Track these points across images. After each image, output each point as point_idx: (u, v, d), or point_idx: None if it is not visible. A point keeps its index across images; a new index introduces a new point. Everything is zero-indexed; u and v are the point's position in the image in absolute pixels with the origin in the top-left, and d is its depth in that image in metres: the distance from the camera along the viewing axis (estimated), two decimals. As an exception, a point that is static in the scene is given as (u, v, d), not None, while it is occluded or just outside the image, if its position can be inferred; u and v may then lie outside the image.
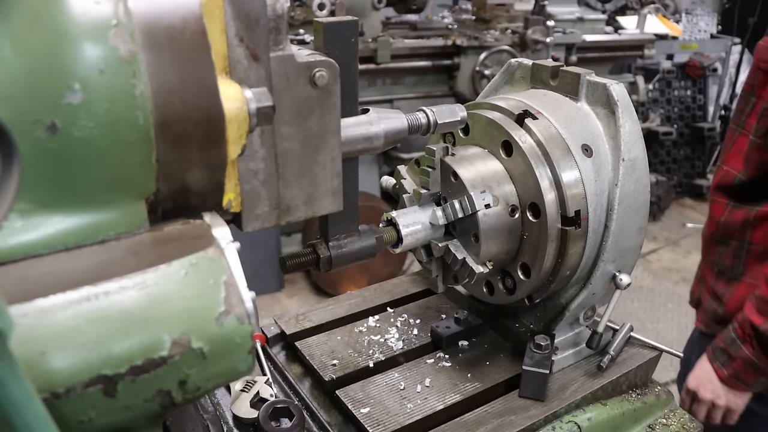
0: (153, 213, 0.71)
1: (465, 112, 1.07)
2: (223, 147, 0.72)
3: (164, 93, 0.66)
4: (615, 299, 1.24)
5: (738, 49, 6.42)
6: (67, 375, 0.56)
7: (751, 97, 1.75)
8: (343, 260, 1.05)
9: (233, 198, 0.80)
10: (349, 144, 0.93)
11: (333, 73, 0.83)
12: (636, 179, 1.16)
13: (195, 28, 0.68)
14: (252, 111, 0.73)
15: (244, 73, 0.76)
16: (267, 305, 4.32)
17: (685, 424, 1.30)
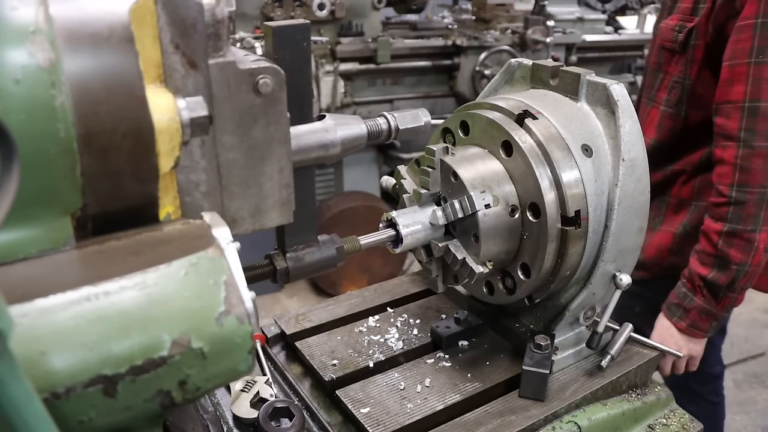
0: (81, 229, 0.68)
1: (429, 117, 1.04)
2: (153, 159, 0.68)
3: (88, 104, 0.63)
4: (615, 299, 1.24)
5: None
6: (67, 375, 0.56)
7: (658, 73, 2.02)
8: (301, 272, 1.01)
9: (172, 211, 0.76)
10: (303, 152, 0.89)
11: (278, 80, 0.80)
12: (636, 179, 1.16)
13: (122, 35, 0.65)
14: (185, 121, 0.69)
15: (181, 82, 0.73)
16: (267, 305, 4.32)
17: (685, 424, 1.29)
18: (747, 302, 4.72)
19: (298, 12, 4.14)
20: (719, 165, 1.76)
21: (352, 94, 4.49)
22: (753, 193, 1.70)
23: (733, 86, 1.70)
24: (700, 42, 1.82)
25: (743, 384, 3.78)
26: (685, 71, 1.87)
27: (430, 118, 1.05)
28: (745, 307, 4.52)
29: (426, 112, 1.05)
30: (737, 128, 1.69)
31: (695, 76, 1.86)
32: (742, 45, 1.68)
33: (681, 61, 1.89)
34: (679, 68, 1.89)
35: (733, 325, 4.30)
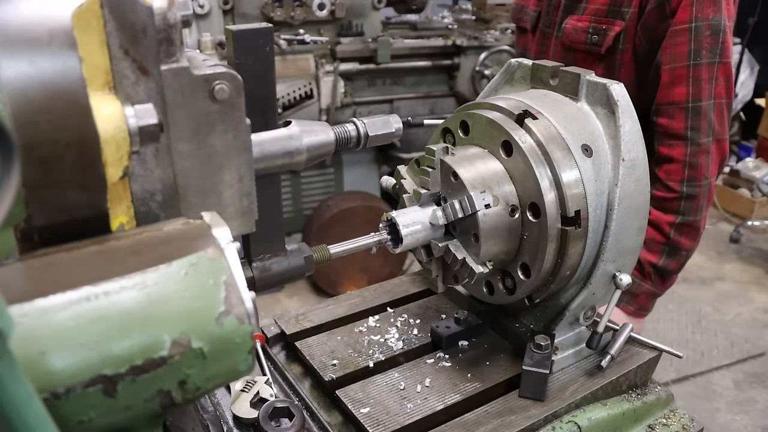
0: (27, 241, 0.66)
1: (400, 124, 1.02)
2: (99, 169, 0.66)
3: (27, 113, 0.61)
4: (615, 299, 1.24)
5: (738, 49, 6.41)
6: (67, 375, 0.56)
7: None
8: (267, 282, 0.99)
9: (126, 221, 0.74)
10: (266, 160, 0.87)
11: (235, 85, 0.77)
12: (636, 179, 1.16)
13: (63, 41, 0.62)
14: (133, 130, 0.67)
15: (131, 89, 0.70)
16: (267, 305, 4.32)
17: (685, 425, 1.30)
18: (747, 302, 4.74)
19: (298, 12, 4.14)
20: (667, 163, 1.85)
21: (352, 94, 4.49)
22: (701, 186, 1.82)
23: (674, 88, 1.78)
24: (628, 46, 1.87)
25: (743, 384, 3.78)
26: (609, 74, 1.90)
27: (401, 125, 1.02)
28: (745, 307, 4.54)
29: (397, 118, 1.03)
30: (683, 127, 1.78)
31: (623, 78, 1.87)
32: (679, 49, 1.75)
33: (600, 64, 1.92)
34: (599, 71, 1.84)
35: (733, 325, 4.32)
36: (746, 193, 5.89)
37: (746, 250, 5.38)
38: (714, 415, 3.52)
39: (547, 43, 2.09)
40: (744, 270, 5.08)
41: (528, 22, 2.18)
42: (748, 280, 4.92)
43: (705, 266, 5.14)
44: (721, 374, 3.86)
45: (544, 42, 2.11)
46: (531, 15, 2.17)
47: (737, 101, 6.63)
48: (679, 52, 1.76)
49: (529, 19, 2.18)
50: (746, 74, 6.74)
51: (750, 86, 6.86)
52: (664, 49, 1.78)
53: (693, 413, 1.34)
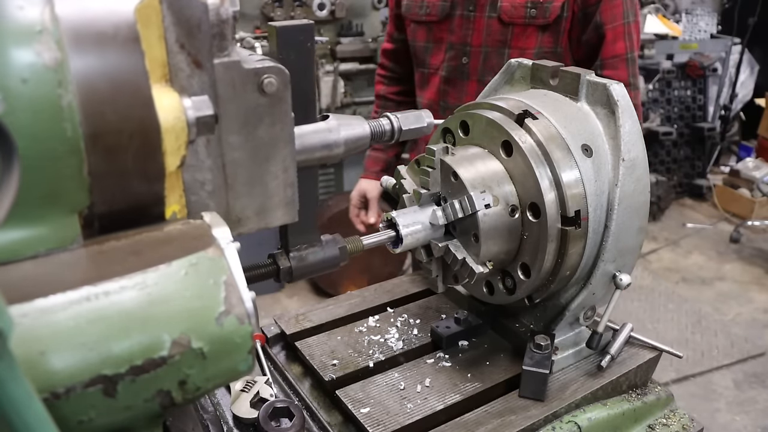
0: (88, 227, 0.68)
1: (432, 119, 1.04)
2: (159, 158, 0.68)
3: (94, 103, 0.63)
4: (615, 299, 1.24)
5: (738, 49, 6.42)
6: (67, 375, 0.56)
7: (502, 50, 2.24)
8: (304, 272, 1.01)
9: (178, 210, 0.76)
10: (306, 152, 0.89)
11: (283, 79, 0.80)
12: (636, 179, 1.16)
13: (127, 35, 0.65)
14: (191, 120, 0.69)
15: (186, 81, 0.73)
16: (267, 305, 4.31)
17: (685, 425, 1.30)
18: (747, 302, 4.74)
19: (298, 12, 4.14)
20: None
21: (352, 94, 4.48)
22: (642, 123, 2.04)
23: (616, 43, 2.09)
24: (569, 14, 2.10)
25: (743, 384, 3.78)
26: (555, 42, 2.13)
27: (433, 119, 1.05)
28: (745, 307, 4.54)
29: (429, 113, 1.05)
30: (627, 75, 2.11)
31: (565, 44, 2.14)
32: (617, 10, 2.07)
33: (542, 35, 2.11)
34: (546, 40, 2.12)
35: (733, 325, 4.32)
36: (746, 193, 5.89)
37: (746, 250, 5.38)
38: (714, 415, 3.52)
39: (473, 26, 2.19)
40: (744, 270, 5.08)
41: (434, 14, 2.25)
42: (748, 280, 4.92)
43: (705, 266, 5.14)
44: (721, 374, 3.86)
45: (468, 25, 2.20)
46: (439, 5, 2.23)
47: (737, 101, 6.64)
48: (618, 12, 2.07)
49: (435, 11, 2.24)
50: (746, 74, 6.75)
51: (750, 86, 6.86)
52: (604, 11, 2.06)
53: (693, 413, 1.34)
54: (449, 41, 2.25)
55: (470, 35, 2.20)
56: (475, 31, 2.20)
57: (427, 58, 2.33)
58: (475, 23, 2.19)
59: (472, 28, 2.20)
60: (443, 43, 2.27)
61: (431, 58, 2.32)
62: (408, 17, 2.33)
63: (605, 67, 2.12)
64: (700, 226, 5.82)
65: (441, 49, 2.28)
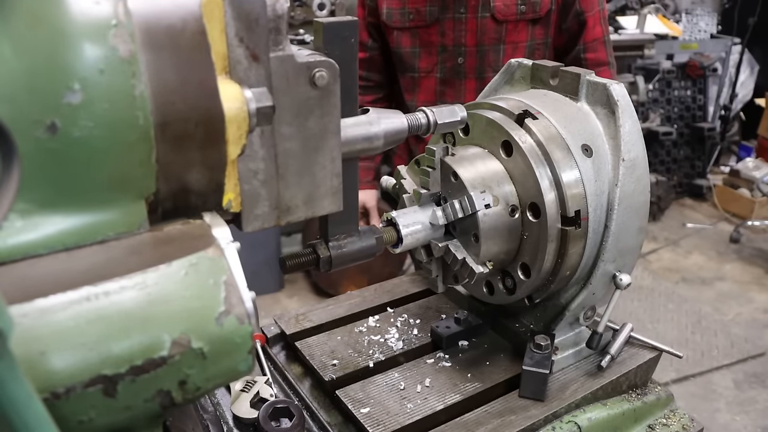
0: (153, 213, 0.71)
1: (465, 113, 1.07)
2: (222, 147, 0.72)
3: (164, 93, 0.66)
4: (615, 299, 1.24)
5: (738, 49, 6.42)
6: (67, 375, 0.56)
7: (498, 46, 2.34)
8: (343, 260, 1.04)
9: (233, 198, 0.79)
10: (349, 144, 0.92)
11: (333, 73, 0.83)
12: (636, 179, 1.16)
13: (195, 28, 0.68)
14: (252, 111, 0.72)
15: (244, 74, 0.75)
16: (267, 305, 4.31)
17: (685, 425, 1.30)
18: (747, 302, 4.74)
19: (299, 12, 4.14)
20: None
21: (352, 94, 4.48)
22: None
23: (595, 28, 2.28)
24: (555, 7, 2.26)
25: (743, 384, 3.78)
26: (546, 33, 2.29)
27: (466, 113, 1.07)
28: (745, 307, 4.54)
29: (462, 107, 1.07)
30: (606, 56, 2.33)
31: (553, 34, 2.31)
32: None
33: (533, 28, 2.26)
34: (537, 33, 2.27)
35: (733, 325, 4.32)
36: (746, 193, 5.89)
37: (746, 250, 5.38)
38: (714, 415, 3.52)
39: (465, 27, 2.25)
40: (744, 270, 5.08)
41: (420, 19, 2.30)
42: (748, 280, 4.92)
43: (705, 266, 5.14)
44: (721, 374, 3.86)
45: (461, 27, 2.26)
46: (426, 10, 2.28)
47: (737, 101, 6.64)
48: (594, 1, 2.27)
49: (422, 16, 2.29)
50: (746, 74, 6.74)
51: (750, 86, 6.85)
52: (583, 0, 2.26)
53: (693, 413, 1.34)
54: (441, 44, 2.30)
55: (464, 36, 2.26)
56: (468, 32, 2.25)
57: (416, 63, 2.37)
58: (468, 24, 2.25)
59: (465, 29, 2.25)
60: (433, 46, 2.32)
61: (420, 62, 2.37)
62: (390, 25, 2.37)
63: (587, 50, 2.30)
64: (700, 226, 5.82)
65: (431, 52, 2.33)
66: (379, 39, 2.47)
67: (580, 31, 2.29)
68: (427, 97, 2.40)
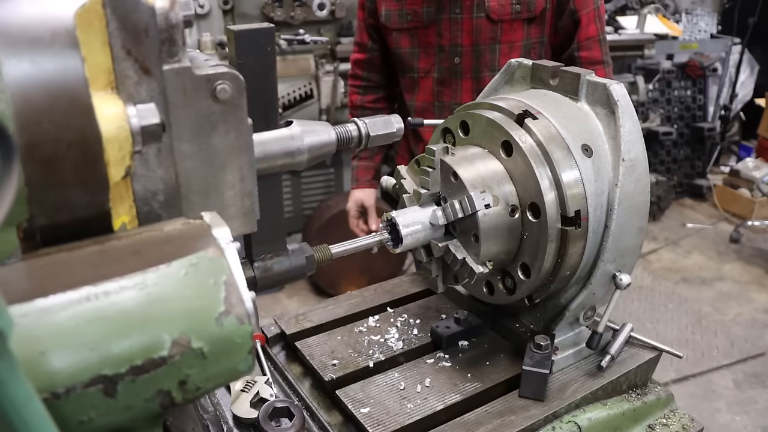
0: (30, 240, 0.66)
1: (401, 124, 1.02)
2: (102, 169, 0.66)
3: (29, 112, 0.61)
4: (615, 299, 1.24)
5: (738, 49, 6.41)
6: (67, 375, 0.56)
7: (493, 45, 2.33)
8: (269, 282, 0.99)
9: (128, 221, 0.74)
10: (268, 160, 0.88)
11: (237, 85, 0.77)
12: (636, 179, 1.16)
13: (65, 41, 0.63)
14: (135, 130, 0.67)
15: (133, 89, 0.70)
16: (267, 305, 4.31)
17: (685, 425, 1.30)
18: (747, 302, 4.74)
19: (298, 12, 4.13)
20: None
21: (352, 94, 4.48)
22: None
23: (589, 27, 2.27)
24: (550, 6, 2.26)
25: (743, 384, 3.78)
26: (541, 32, 2.29)
27: (402, 125, 1.03)
28: (745, 307, 4.54)
29: (398, 118, 1.03)
30: (601, 54, 2.32)
31: (549, 33, 2.31)
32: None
33: (528, 27, 2.25)
34: (533, 32, 2.27)
35: (733, 325, 4.32)
36: (746, 193, 5.89)
37: (746, 250, 5.37)
38: (714, 415, 3.52)
39: (461, 27, 2.26)
40: (744, 270, 5.07)
41: (418, 20, 2.30)
42: (748, 280, 4.92)
43: (705, 266, 5.14)
44: (721, 374, 3.86)
45: (456, 27, 2.26)
46: (423, 12, 2.28)
47: (737, 101, 6.64)
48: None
49: (419, 17, 2.29)
50: (746, 74, 6.74)
51: (750, 86, 6.85)
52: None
53: (693, 413, 1.34)
54: (438, 44, 2.31)
55: (460, 36, 2.27)
56: (464, 32, 2.26)
57: (415, 63, 2.38)
58: (463, 24, 2.25)
59: (461, 30, 2.26)
60: (431, 47, 2.32)
61: (419, 62, 2.37)
62: (389, 26, 2.37)
63: (581, 48, 2.30)
64: (700, 226, 5.82)
65: (429, 53, 2.33)
66: (379, 40, 2.48)
67: (574, 29, 2.29)
68: (425, 97, 2.40)
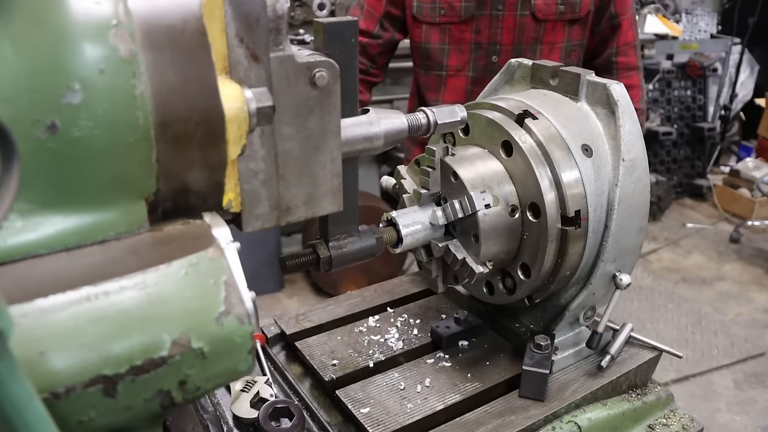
0: (153, 213, 0.71)
1: (465, 113, 1.07)
2: (223, 147, 0.72)
3: (164, 93, 0.66)
4: (615, 299, 1.24)
5: (738, 49, 6.41)
6: (67, 375, 0.56)
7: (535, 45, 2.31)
8: (343, 260, 1.04)
9: (233, 198, 0.79)
10: (349, 144, 0.92)
11: (333, 73, 0.83)
12: (636, 179, 1.16)
13: (195, 28, 0.68)
14: (252, 111, 0.73)
15: (244, 74, 0.76)
16: (267, 305, 4.31)
17: (685, 425, 1.30)
18: (747, 302, 4.74)
19: (298, 12, 4.14)
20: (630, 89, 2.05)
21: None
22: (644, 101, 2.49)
23: (628, 32, 2.31)
24: (593, 9, 2.25)
25: (743, 384, 3.78)
26: (582, 35, 2.28)
27: (466, 114, 1.07)
28: (745, 307, 4.55)
29: (462, 107, 1.07)
30: (636, 60, 2.39)
31: (588, 36, 2.32)
32: (628, 2, 2.30)
33: (570, 28, 2.23)
34: (575, 34, 2.25)
35: (733, 325, 4.32)
36: (746, 193, 5.89)
37: (746, 250, 5.38)
38: (714, 415, 3.52)
39: (502, 25, 2.20)
40: (744, 270, 5.08)
41: (453, 15, 2.22)
42: (748, 280, 4.92)
43: (705, 266, 5.14)
44: (721, 374, 3.86)
45: (497, 24, 2.20)
46: (461, 6, 2.18)
47: (737, 101, 6.64)
48: (628, 4, 2.29)
49: (456, 11, 2.21)
50: (746, 74, 6.74)
51: (750, 86, 6.85)
52: (618, 2, 2.25)
53: (693, 413, 1.34)
54: (475, 41, 2.23)
55: (500, 34, 2.20)
56: (504, 30, 2.19)
57: (444, 60, 2.28)
58: (505, 21, 2.18)
59: (501, 27, 2.19)
60: (465, 44, 2.24)
61: (449, 59, 2.28)
62: (420, 19, 2.27)
63: (620, 54, 2.32)
64: (700, 226, 5.82)
65: (463, 50, 2.24)
66: (395, 31, 2.35)
67: (612, 34, 2.27)
68: (455, 96, 2.31)
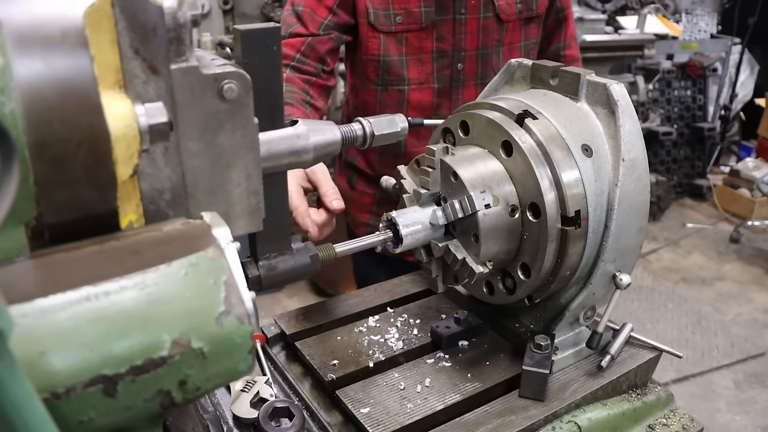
0: (38, 238, 0.66)
1: (405, 123, 1.02)
2: (110, 168, 0.66)
3: (39, 111, 0.61)
4: (615, 299, 1.24)
5: (738, 49, 6.42)
6: (67, 375, 0.56)
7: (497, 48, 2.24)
8: (274, 280, 1.00)
9: (135, 219, 0.74)
10: (273, 159, 0.88)
11: (244, 84, 0.78)
12: (636, 179, 1.16)
13: (75, 40, 0.63)
14: (143, 128, 0.67)
15: (141, 87, 0.71)
16: (267, 305, 4.32)
17: (685, 425, 1.30)
18: (747, 302, 4.75)
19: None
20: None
21: (352, 94, 4.47)
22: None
23: (570, 25, 2.31)
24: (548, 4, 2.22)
25: (743, 384, 3.79)
26: (537, 32, 2.23)
27: (407, 124, 1.03)
28: (745, 307, 4.55)
29: (403, 117, 1.03)
30: (578, 52, 2.38)
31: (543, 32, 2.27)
32: None
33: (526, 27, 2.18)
34: (532, 32, 2.20)
35: (733, 325, 4.32)
36: (746, 193, 5.90)
37: (746, 250, 5.38)
38: (714, 415, 3.52)
39: (464, 29, 2.03)
40: (744, 270, 5.08)
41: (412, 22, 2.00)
42: (748, 280, 4.93)
43: (705, 266, 5.14)
44: (721, 374, 3.86)
45: (461, 29, 2.03)
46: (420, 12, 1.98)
47: (737, 101, 6.64)
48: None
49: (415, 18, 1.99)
50: (746, 74, 6.75)
51: (750, 86, 6.86)
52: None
53: (693, 413, 1.34)
54: (437, 49, 2.04)
55: (464, 39, 2.04)
56: (468, 34, 2.04)
57: (405, 73, 2.04)
58: (468, 26, 2.04)
59: (465, 32, 2.03)
60: (426, 53, 2.04)
61: (409, 72, 2.05)
62: (378, 28, 2.01)
63: (566, 47, 2.33)
64: (700, 226, 5.82)
65: (424, 60, 2.04)
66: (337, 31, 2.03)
67: (558, 28, 2.28)
68: (419, 113, 2.07)
